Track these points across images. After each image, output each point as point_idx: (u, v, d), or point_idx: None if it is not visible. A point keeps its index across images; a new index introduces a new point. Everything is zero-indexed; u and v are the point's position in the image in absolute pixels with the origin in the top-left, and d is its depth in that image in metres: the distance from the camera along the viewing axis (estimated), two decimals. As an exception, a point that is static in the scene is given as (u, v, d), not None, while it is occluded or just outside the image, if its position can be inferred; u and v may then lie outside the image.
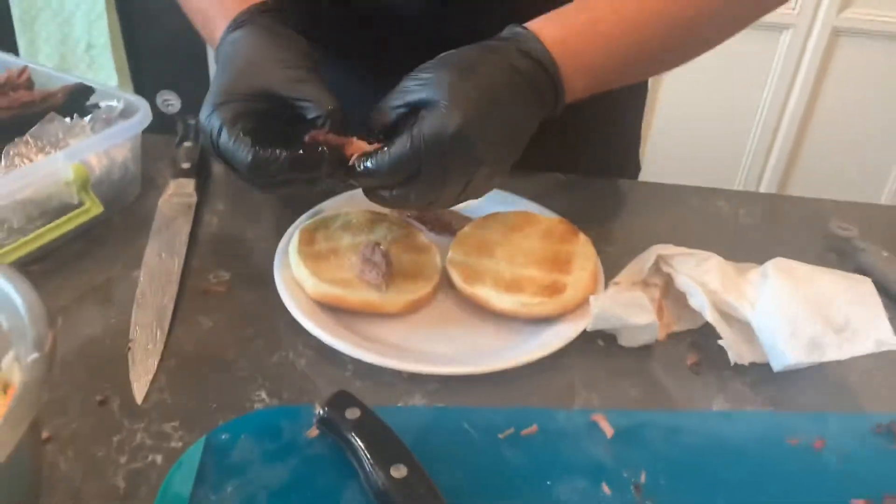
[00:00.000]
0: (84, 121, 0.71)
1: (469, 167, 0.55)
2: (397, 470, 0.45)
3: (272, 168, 0.55)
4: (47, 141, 0.68)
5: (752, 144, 2.06)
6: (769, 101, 1.98)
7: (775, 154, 2.07)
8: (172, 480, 0.47)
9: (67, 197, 0.66)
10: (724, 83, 1.96)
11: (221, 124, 0.56)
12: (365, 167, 0.55)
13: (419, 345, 0.60)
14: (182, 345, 0.59)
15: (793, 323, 0.56)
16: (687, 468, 0.50)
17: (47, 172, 0.63)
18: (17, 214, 0.64)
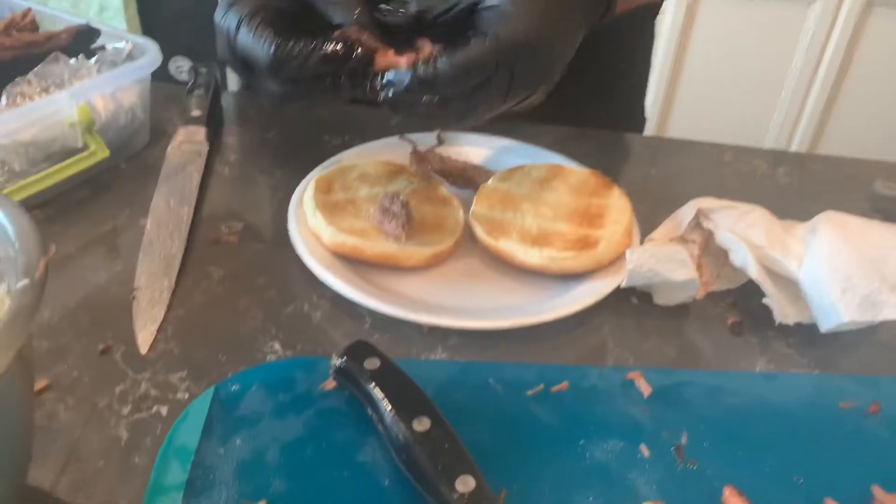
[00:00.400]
0: (90, 62, 0.67)
1: (536, 77, 0.51)
2: (420, 423, 0.41)
3: (297, 62, 0.50)
4: (51, 81, 0.64)
5: (782, 112, 2.01)
6: (798, 71, 1.93)
7: (804, 121, 2.01)
8: (178, 432, 0.44)
9: (72, 140, 0.62)
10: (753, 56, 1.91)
11: (240, 19, 0.51)
12: (433, 70, 0.48)
13: (440, 298, 0.57)
14: (191, 294, 0.56)
15: (845, 279, 0.52)
16: (731, 431, 0.47)
17: (50, 112, 0.60)
18: (19, 157, 0.60)
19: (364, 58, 0.51)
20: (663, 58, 1.95)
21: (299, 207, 0.61)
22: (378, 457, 0.43)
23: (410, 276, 0.58)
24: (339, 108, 0.78)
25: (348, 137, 0.75)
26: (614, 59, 0.84)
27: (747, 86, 1.98)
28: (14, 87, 0.62)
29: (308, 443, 0.44)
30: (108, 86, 0.64)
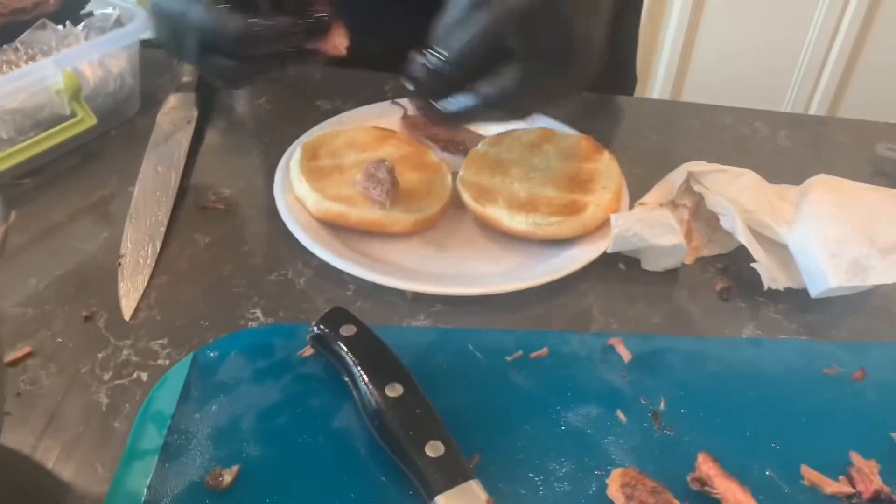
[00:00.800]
0: (77, 29, 0.67)
1: (565, 44, 0.46)
2: (392, 389, 0.41)
3: (265, 35, 0.49)
4: (38, 49, 0.64)
5: (801, 70, 1.96)
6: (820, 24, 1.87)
7: (824, 82, 1.96)
8: (156, 397, 0.45)
9: (59, 108, 0.62)
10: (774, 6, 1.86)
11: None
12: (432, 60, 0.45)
13: (425, 265, 0.56)
14: (175, 262, 0.56)
15: (835, 243, 0.51)
16: (711, 396, 0.46)
17: (36, 79, 0.60)
18: (6, 125, 0.60)
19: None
20: (677, 23, 1.91)
21: (285, 173, 0.61)
22: (352, 423, 0.43)
23: (397, 243, 0.58)
24: (332, 72, 0.78)
25: (340, 102, 0.74)
26: None
27: (764, 50, 1.93)
28: (1, 54, 0.62)
29: (284, 409, 0.44)
30: (96, 52, 0.64)
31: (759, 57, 1.95)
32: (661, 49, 1.98)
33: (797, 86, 1.99)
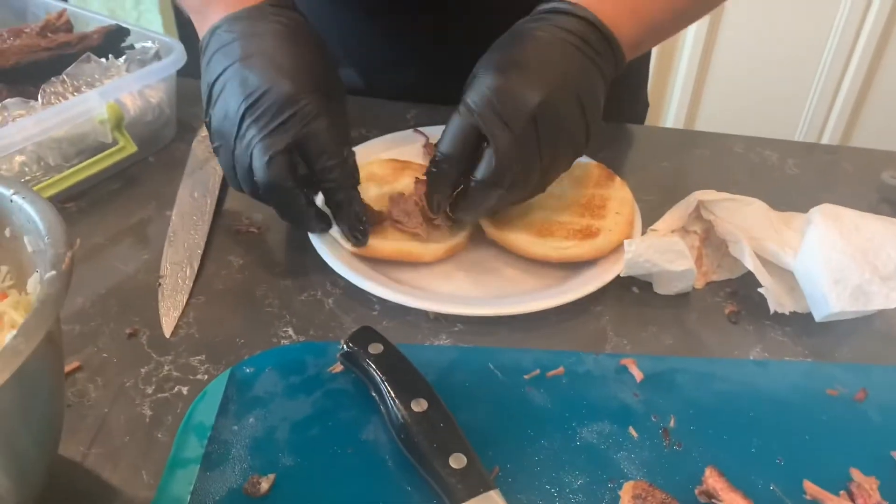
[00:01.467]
0: (119, 61, 0.71)
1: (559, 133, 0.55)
2: (418, 404, 0.44)
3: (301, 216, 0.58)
4: (83, 81, 0.68)
5: (814, 98, 1.98)
6: (832, 54, 1.90)
7: (837, 109, 1.98)
8: (196, 410, 0.48)
9: (102, 136, 0.66)
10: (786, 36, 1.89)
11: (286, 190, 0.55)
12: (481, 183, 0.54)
13: (446, 287, 0.59)
14: (212, 282, 0.59)
15: (838, 270, 0.53)
16: (718, 415, 0.49)
17: (82, 110, 0.63)
18: (52, 152, 0.64)
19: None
20: (691, 51, 1.94)
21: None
22: (379, 435, 0.46)
23: (419, 265, 0.61)
24: (357, 102, 0.81)
25: (365, 130, 0.77)
26: None
27: (776, 80, 1.96)
28: (49, 86, 0.66)
29: (315, 422, 0.47)
30: (136, 84, 0.68)
31: (771, 87, 1.97)
32: (674, 79, 2.01)
33: (809, 115, 2.01)
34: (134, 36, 0.76)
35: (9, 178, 0.42)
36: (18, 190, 0.41)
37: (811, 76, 1.95)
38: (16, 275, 0.44)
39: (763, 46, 1.92)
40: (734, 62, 1.96)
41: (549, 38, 0.55)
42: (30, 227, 0.40)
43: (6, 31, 0.73)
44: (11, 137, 0.59)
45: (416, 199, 0.62)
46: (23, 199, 0.41)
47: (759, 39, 1.91)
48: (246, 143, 0.54)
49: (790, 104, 2.01)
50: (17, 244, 0.42)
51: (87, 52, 0.70)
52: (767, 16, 1.86)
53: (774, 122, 2.01)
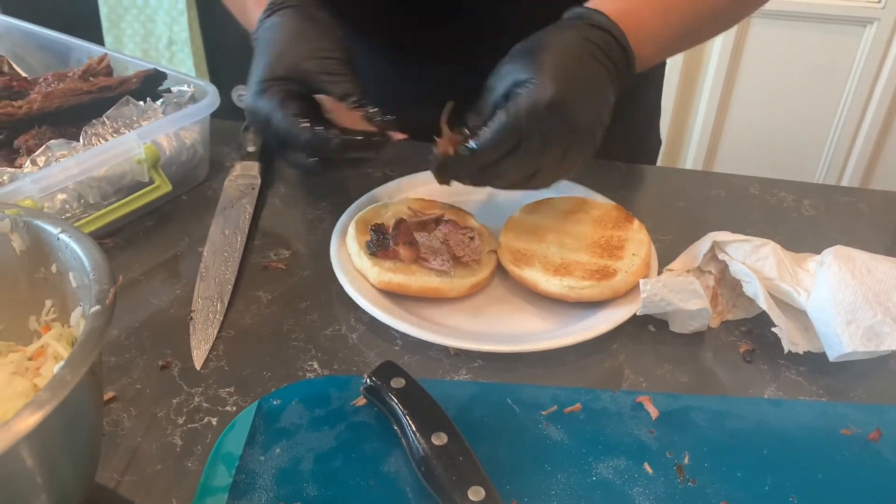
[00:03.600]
0: (156, 104, 0.74)
1: (566, 134, 0.57)
2: (438, 437, 0.46)
3: (330, 146, 0.58)
4: (122, 122, 0.71)
5: (833, 141, 2.00)
6: (851, 97, 1.92)
7: (857, 151, 1.99)
8: (225, 441, 0.50)
9: (139, 175, 0.69)
10: (804, 79, 1.91)
11: (273, 107, 0.59)
12: (467, 148, 0.57)
13: (467, 324, 0.61)
14: (241, 316, 0.62)
15: (850, 311, 0.54)
16: (732, 452, 0.50)
17: (120, 151, 0.67)
18: (92, 190, 0.67)
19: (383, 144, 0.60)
20: (710, 94, 1.97)
21: (340, 239, 0.66)
22: (401, 468, 0.48)
23: (440, 302, 0.63)
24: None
25: (388, 170, 0.80)
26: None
27: (795, 125, 1.98)
28: (90, 128, 0.70)
29: (339, 453, 0.49)
30: (173, 126, 0.71)
31: (790, 131, 1.99)
32: (693, 122, 2.04)
33: (829, 159, 2.02)
34: (170, 80, 0.79)
35: (56, 217, 0.45)
36: (65, 228, 0.44)
37: (830, 120, 1.97)
38: (59, 309, 0.46)
39: (781, 91, 1.94)
40: (753, 106, 1.98)
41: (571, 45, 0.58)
42: (75, 264, 0.43)
43: (51, 76, 0.77)
44: (55, 177, 0.63)
45: (443, 238, 0.64)
46: (69, 238, 0.43)
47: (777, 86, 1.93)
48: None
49: (809, 148, 2.02)
50: (62, 279, 0.45)
51: (126, 96, 0.73)
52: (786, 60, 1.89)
53: (793, 166, 2.02)
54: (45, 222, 0.45)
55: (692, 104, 2.02)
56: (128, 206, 0.68)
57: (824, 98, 1.94)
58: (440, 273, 0.62)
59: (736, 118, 2.00)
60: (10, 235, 0.45)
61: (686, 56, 1.92)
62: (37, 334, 0.47)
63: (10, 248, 0.46)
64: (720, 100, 1.97)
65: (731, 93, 1.97)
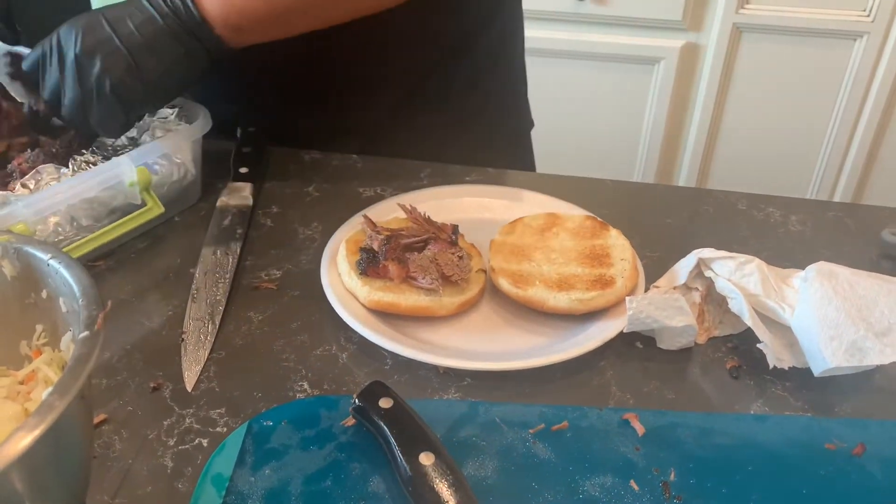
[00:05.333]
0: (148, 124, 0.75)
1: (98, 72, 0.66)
2: (426, 457, 0.46)
3: None
4: (112, 149, 0.72)
5: (825, 155, 2.01)
6: (842, 111, 1.93)
7: (849, 164, 2.01)
8: (215, 462, 0.50)
9: (131, 198, 0.70)
10: (795, 93, 1.93)
11: None
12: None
13: (456, 342, 0.62)
14: (232, 338, 0.62)
15: (833, 326, 0.55)
16: (718, 469, 0.50)
17: (113, 174, 0.67)
18: (84, 213, 0.68)
19: None
20: (703, 109, 1.98)
21: (330, 260, 0.67)
22: (390, 487, 0.48)
23: (429, 322, 0.63)
24: (372, 162, 0.86)
25: (380, 189, 0.81)
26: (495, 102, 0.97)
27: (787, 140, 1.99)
28: (79, 156, 0.71)
29: (328, 474, 0.49)
30: (164, 149, 0.72)
31: (782, 146, 2.01)
32: (685, 139, 2.05)
33: (821, 173, 2.04)
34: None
35: (46, 244, 0.46)
36: (55, 255, 0.44)
37: (822, 134, 1.98)
38: (50, 333, 0.47)
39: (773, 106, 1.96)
40: (745, 122, 1.99)
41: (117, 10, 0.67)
42: (65, 290, 0.43)
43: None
44: (48, 201, 0.63)
45: (432, 257, 0.64)
46: (59, 263, 0.44)
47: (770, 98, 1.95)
48: None
49: (802, 163, 2.04)
50: (52, 304, 0.45)
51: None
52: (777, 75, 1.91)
53: (786, 181, 2.04)
54: (36, 248, 0.45)
55: (684, 120, 2.04)
56: (120, 228, 0.68)
57: (816, 112, 1.96)
58: (429, 291, 0.63)
59: (729, 132, 2.02)
60: (0, 262, 0.46)
61: (678, 72, 1.94)
62: (28, 359, 0.48)
63: (1, 274, 0.46)
64: (713, 115, 1.99)
65: (723, 108, 1.99)
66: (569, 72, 1.99)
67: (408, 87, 0.89)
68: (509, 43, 0.97)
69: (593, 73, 1.99)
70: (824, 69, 1.89)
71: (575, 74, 2.00)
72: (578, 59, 1.98)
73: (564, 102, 2.02)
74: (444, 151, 0.87)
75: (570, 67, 1.99)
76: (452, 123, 0.92)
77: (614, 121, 2.05)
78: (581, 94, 2.02)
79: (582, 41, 1.96)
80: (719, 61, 1.91)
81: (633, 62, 1.96)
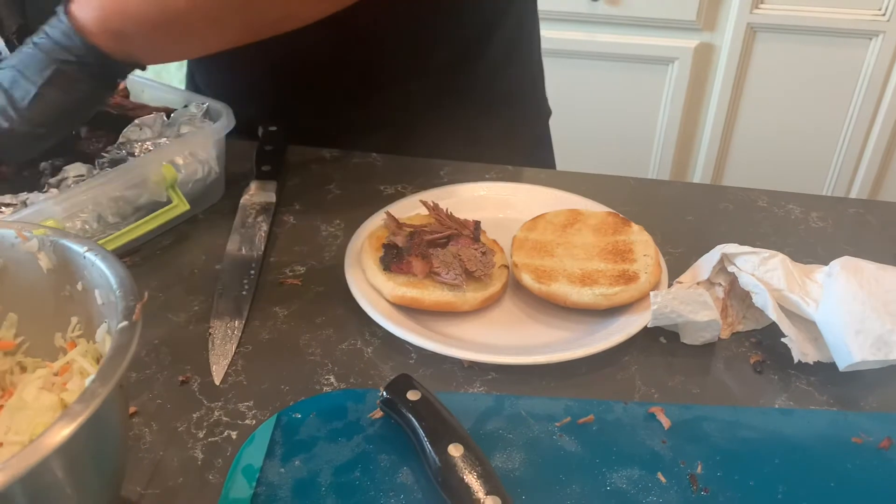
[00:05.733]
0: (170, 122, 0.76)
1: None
2: (454, 448, 0.47)
3: None
4: (137, 145, 0.73)
5: (841, 154, 2.00)
6: (858, 109, 1.92)
7: (865, 162, 2.00)
8: (245, 453, 0.51)
9: (157, 195, 0.71)
10: (810, 92, 1.92)
11: None
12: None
13: (480, 337, 0.62)
14: (258, 332, 0.63)
15: (858, 320, 0.55)
16: (745, 462, 0.50)
17: (139, 172, 0.68)
18: (111, 210, 0.69)
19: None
20: (717, 108, 1.98)
21: (354, 256, 0.68)
22: (418, 478, 0.49)
23: (453, 316, 0.64)
24: (393, 160, 0.86)
25: (400, 187, 0.81)
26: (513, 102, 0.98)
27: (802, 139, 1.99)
28: (106, 153, 0.71)
29: (357, 465, 0.50)
30: (189, 147, 0.73)
31: (798, 144, 2.00)
32: (701, 136, 2.05)
33: (837, 171, 2.03)
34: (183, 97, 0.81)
35: (82, 237, 0.46)
36: (91, 247, 0.45)
37: (838, 132, 1.98)
38: (85, 325, 0.47)
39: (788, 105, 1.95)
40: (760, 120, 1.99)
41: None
42: (101, 282, 0.44)
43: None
44: (77, 198, 0.64)
45: (455, 253, 0.65)
46: (95, 256, 0.44)
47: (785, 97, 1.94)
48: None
49: (818, 160, 2.03)
50: (87, 297, 0.46)
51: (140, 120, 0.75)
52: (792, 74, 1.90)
53: (802, 179, 2.03)
54: (72, 241, 0.46)
55: (699, 120, 2.03)
56: (147, 224, 0.69)
57: (832, 111, 1.95)
58: (453, 287, 0.63)
59: (743, 132, 2.01)
60: (37, 255, 0.47)
61: (692, 72, 1.93)
62: (62, 350, 0.48)
63: (38, 268, 0.47)
64: (727, 115, 1.99)
65: (738, 106, 1.99)
66: (583, 72, 1.99)
67: (435, 82, 0.89)
68: (527, 31, 0.97)
69: (607, 73, 1.99)
70: (839, 68, 1.88)
71: (589, 75, 2.00)
72: (592, 60, 1.98)
73: (579, 103, 2.02)
74: (468, 145, 0.88)
75: (585, 68, 1.99)
76: (476, 115, 0.92)
77: (629, 121, 2.05)
78: (595, 95, 2.02)
79: (596, 41, 1.96)
80: (734, 61, 1.90)
81: (648, 62, 1.96)
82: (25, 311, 0.49)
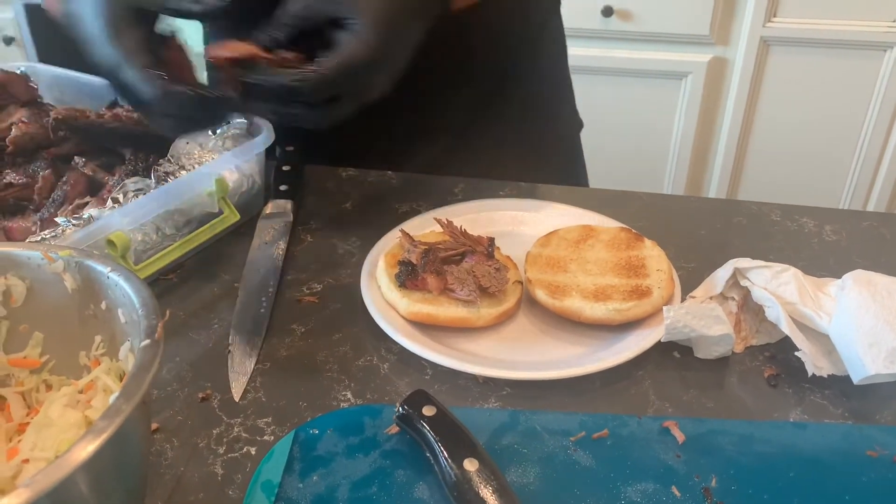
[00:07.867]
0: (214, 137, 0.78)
1: (377, 87, 0.61)
2: (470, 463, 0.47)
3: (179, 105, 0.59)
4: (186, 160, 0.75)
5: (857, 167, 1.99)
6: (874, 121, 1.92)
7: (882, 175, 1.98)
8: (264, 469, 0.51)
9: (209, 207, 0.73)
10: (825, 105, 1.92)
11: (121, 59, 0.58)
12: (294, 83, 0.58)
13: (495, 352, 0.63)
14: (276, 349, 0.64)
15: (872, 334, 0.55)
16: (759, 475, 0.51)
17: (195, 184, 0.71)
18: (168, 222, 0.71)
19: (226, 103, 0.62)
20: (731, 121, 1.98)
21: (370, 273, 0.69)
22: (434, 493, 0.49)
23: (468, 332, 0.65)
24: (408, 178, 0.87)
25: (415, 205, 0.83)
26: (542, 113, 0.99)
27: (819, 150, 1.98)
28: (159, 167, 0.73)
29: (374, 480, 0.50)
30: (237, 160, 0.75)
31: (813, 158, 1.99)
32: (715, 150, 2.05)
33: (853, 184, 2.02)
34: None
35: (105, 257, 0.48)
36: (115, 268, 0.46)
37: (853, 145, 1.97)
38: (108, 344, 0.49)
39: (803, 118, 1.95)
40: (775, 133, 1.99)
41: None
42: (124, 301, 0.45)
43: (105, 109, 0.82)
44: (140, 210, 0.67)
45: (469, 269, 0.66)
46: (118, 276, 0.46)
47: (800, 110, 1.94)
48: None
49: (834, 174, 2.02)
50: (110, 315, 0.47)
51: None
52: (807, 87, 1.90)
53: (818, 192, 2.02)
54: (96, 262, 0.47)
55: (713, 134, 2.03)
56: (203, 234, 0.72)
57: (846, 124, 1.94)
58: (467, 303, 0.64)
59: (758, 146, 2.01)
60: (63, 275, 0.48)
61: (706, 86, 1.94)
62: (86, 369, 0.50)
63: (63, 288, 0.48)
64: (741, 129, 1.99)
65: (753, 120, 1.98)
66: (597, 88, 2.00)
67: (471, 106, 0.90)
68: (559, 45, 0.99)
69: (621, 88, 2.00)
70: (854, 81, 1.88)
71: (603, 90, 2.01)
72: (606, 75, 1.99)
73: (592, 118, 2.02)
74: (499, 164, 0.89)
75: (598, 84, 2.00)
76: (511, 133, 0.94)
77: (643, 136, 2.06)
78: (609, 110, 2.03)
79: (609, 57, 1.97)
80: (747, 75, 1.90)
81: (661, 77, 1.96)
82: (51, 330, 0.51)
